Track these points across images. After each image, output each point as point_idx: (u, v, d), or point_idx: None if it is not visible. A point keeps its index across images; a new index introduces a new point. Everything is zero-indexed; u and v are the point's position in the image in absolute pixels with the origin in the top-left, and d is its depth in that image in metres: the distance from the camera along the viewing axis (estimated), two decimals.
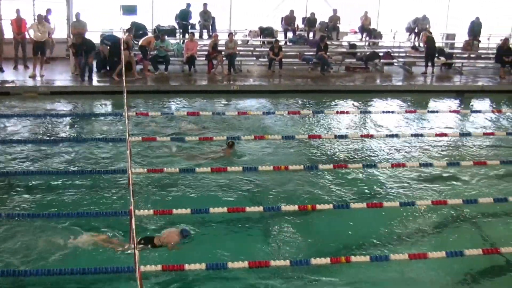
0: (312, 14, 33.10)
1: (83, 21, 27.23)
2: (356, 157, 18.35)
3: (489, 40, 34.80)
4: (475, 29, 33.48)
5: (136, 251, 8.05)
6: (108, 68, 26.92)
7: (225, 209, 12.52)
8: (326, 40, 29.75)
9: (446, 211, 14.62)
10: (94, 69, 26.62)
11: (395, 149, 19.21)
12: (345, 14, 35.33)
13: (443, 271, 12.04)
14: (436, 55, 30.38)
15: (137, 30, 29.92)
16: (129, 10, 31.05)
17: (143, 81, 26.26)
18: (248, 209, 12.92)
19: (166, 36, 28.51)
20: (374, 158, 18.31)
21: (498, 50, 30.36)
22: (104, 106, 24.00)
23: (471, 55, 33.37)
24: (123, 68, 18.69)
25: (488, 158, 18.51)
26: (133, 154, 15.65)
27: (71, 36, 27.01)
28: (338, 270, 11.72)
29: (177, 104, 24.22)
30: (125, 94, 14.61)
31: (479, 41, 33.82)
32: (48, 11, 28.30)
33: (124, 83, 15.59)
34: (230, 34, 28.80)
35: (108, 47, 26.61)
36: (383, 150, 19.08)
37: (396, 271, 11.89)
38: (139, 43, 27.44)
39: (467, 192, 16.08)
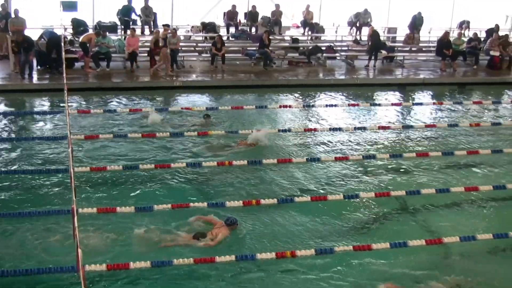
0: (254, 7, 33.05)
1: (21, 18, 26.85)
2: (300, 151, 18.42)
3: (430, 34, 35.22)
4: (416, 23, 33.83)
5: (79, 250, 7.95)
6: (47, 65, 26.52)
7: (169, 206, 12.50)
8: (269, 35, 29.75)
9: (389, 202, 14.79)
10: (35, 66, 26.21)
11: (338, 142, 19.35)
12: (287, 9, 35.40)
13: (387, 262, 12.19)
14: None
15: (77, 26, 29.57)
16: (69, 6, 30.59)
17: (84, 78, 25.95)
18: (192, 205, 12.92)
19: (107, 32, 28.23)
20: (317, 152, 18.41)
21: (439, 43, 30.73)
22: (45, 104, 23.63)
23: (412, 49, 33.73)
24: (64, 65, 18.45)
25: (430, 149, 18.76)
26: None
27: (10, 33, 26.58)
28: (283, 264, 11.78)
29: (120, 100, 24.02)
30: (65, 91, 14.47)
31: (418, 33, 34.20)
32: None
33: (65, 80, 15.43)
34: (173, 30, 28.64)
35: (46, 44, 26.18)
36: (327, 143, 19.18)
37: (341, 263, 12.00)
38: (80, 39, 27.14)
39: (410, 183, 16.31)
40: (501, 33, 32.52)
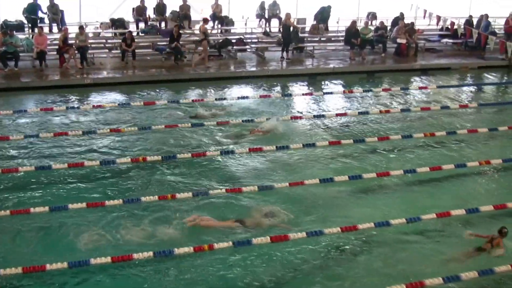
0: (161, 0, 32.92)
1: None
2: (214, 144, 18.48)
3: (338, 24, 35.64)
4: (324, 15, 34.18)
5: None
6: None
7: (84, 205, 12.45)
8: (179, 29, 29.66)
9: (303, 191, 15.00)
10: None
11: (251, 134, 19.45)
12: (197, 3, 35.37)
13: (305, 252, 12.40)
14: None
15: None
16: None
17: None
18: (107, 202, 12.89)
19: (14, 32, 27.70)
20: (231, 144, 18.48)
21: (347, 33, 31.16)
22: None
23: (322, 39, 34.08)
24: None
25: (341, 137, 19.05)
26: None
27: None
28: (201, 258, 11.86)
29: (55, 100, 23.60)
30: None
31: (326, 23, 34.59)
32: None
33: None
34: (81, 27, 28.30)
35: None
36: (241, 135, 19.26)
37: (259, 255, 12.15)
38: None
39: (322, 171, 16.56)
40: (406, 21, 33.18)
